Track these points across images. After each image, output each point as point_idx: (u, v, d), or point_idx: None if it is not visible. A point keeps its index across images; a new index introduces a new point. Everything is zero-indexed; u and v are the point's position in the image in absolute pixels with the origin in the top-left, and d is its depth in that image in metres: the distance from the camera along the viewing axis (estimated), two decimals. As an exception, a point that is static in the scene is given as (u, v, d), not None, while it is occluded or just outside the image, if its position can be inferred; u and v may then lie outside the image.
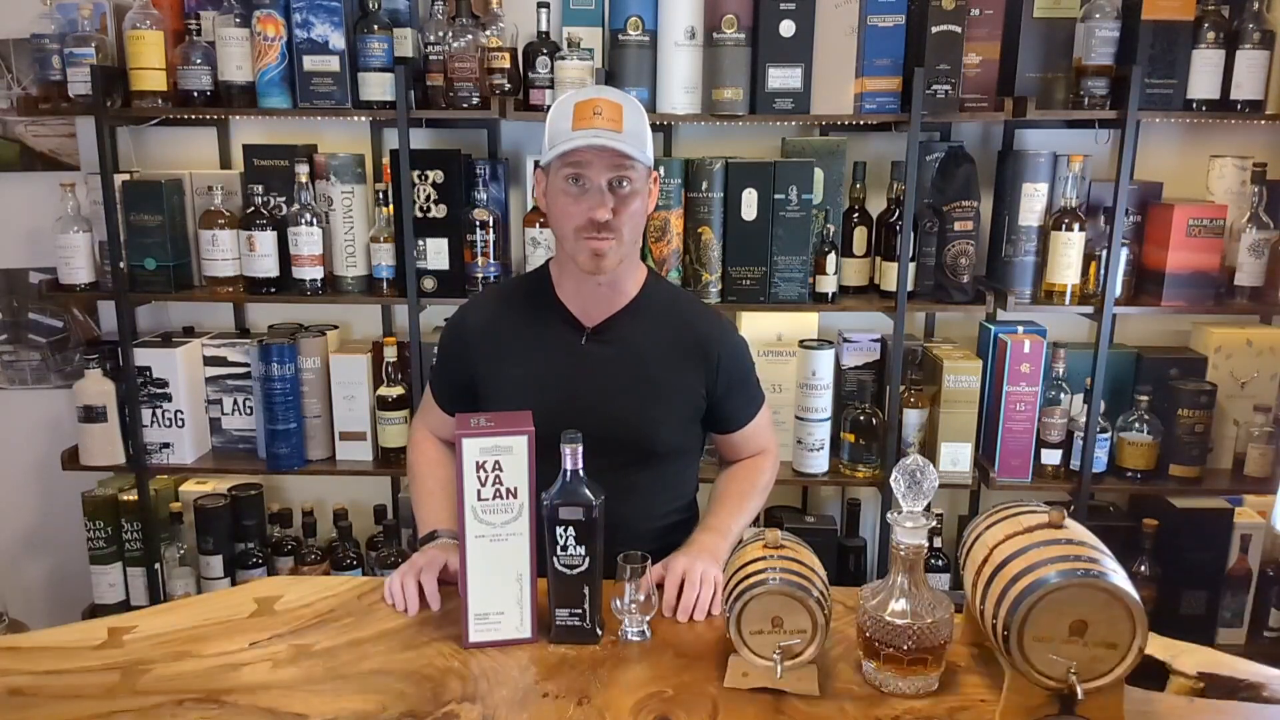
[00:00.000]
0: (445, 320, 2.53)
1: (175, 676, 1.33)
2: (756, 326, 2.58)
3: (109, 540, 2.70)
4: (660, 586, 1.50)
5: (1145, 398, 2.49)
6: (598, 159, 1.51)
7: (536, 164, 1.67)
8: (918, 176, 2.40)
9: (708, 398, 1.70)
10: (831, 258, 2.48)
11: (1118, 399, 2.56)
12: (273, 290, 2.52)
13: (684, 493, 1.79)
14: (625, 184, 1.53)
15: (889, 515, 1.29)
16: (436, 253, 2.47)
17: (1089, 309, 2.45)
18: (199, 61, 2.40)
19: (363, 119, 2.59)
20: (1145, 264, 2.51)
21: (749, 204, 2.44)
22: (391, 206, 2.46)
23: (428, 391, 1.83)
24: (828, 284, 2.49)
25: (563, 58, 2.34)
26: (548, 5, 2.38)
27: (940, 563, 2.61)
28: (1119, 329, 2.61)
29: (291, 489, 2.88)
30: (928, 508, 1.28)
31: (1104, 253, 2.40)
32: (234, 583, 2.65)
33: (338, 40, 2.36)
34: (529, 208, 2.57)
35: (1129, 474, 2.53)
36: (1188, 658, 1.33)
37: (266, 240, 2.47)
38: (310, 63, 2.37)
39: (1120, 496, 2.72)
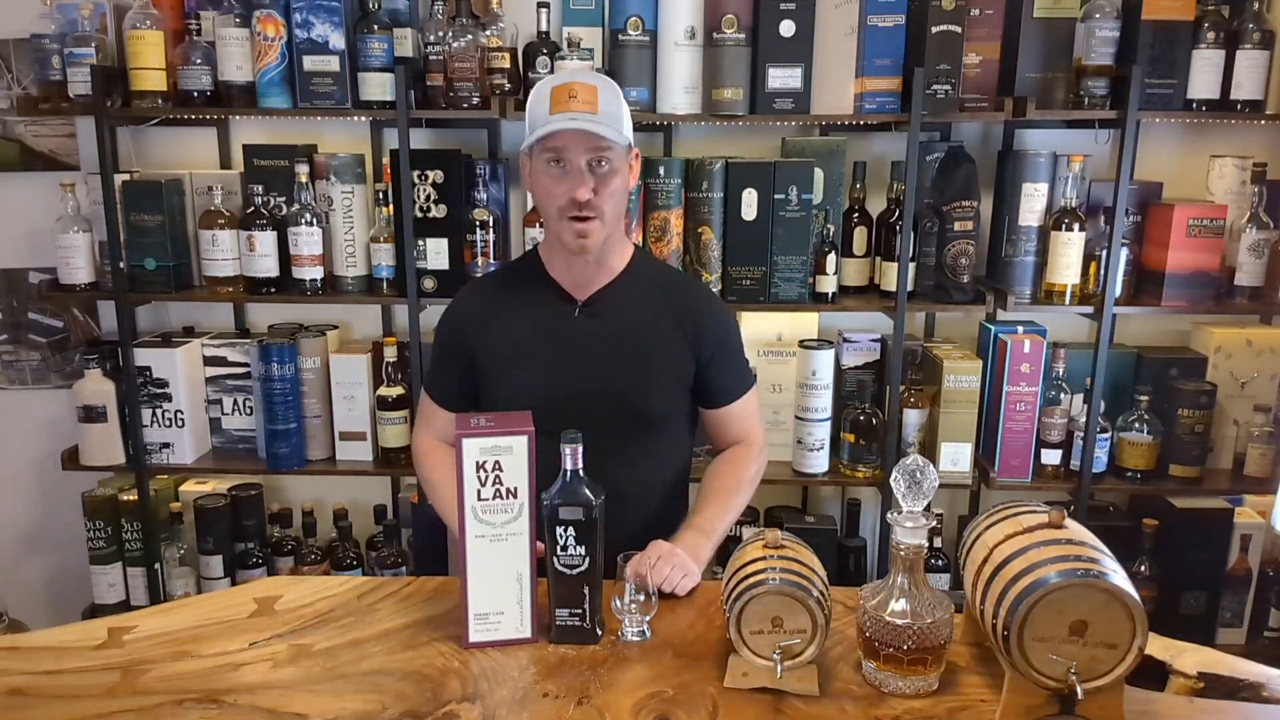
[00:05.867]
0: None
1: (175, 676, 1.33)
2: (756, 326, 2.58)
3: (109, 540, 2.70)
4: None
5: (1145, 398, 2.49)
6: (575, 142, 1.56)
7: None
8: (918, 176, 2.39)
9: (695, 364, 1.75)
10: (831, 258, 2.48)
11: (1118, 399, 2.56)
12: (273, 290, 2.52)
13: (677, 462, 1.83)
14: (604, 163, 1.59)
15: (889, 515, 1.29)
16: (436, 253, 2.47)
17: (1089, 309, 2.45)
18: (199, 61, 2.40)
19: (363, 119, 2.59)
20: (1145, 264, 2.51)
21: (749, 204, 2.44)
22: (391, 206, 2.46)
23: (426, 400, 1.84)
24: (828, 284, 2.49)
25: (563, 58, 2.33)
26: (548, 5, 2.38)
27: (940, 563, 2.61)
28: (1119, 329, 2.61)
29: (291, 489, 2.88)
30: (928, 508, 1.28)
31: (1104, 253, 2.40)
32: (234, 583, 2.65)
33: (338, 40, 2.36)
34: (529, 208, 2.57)
35: (1129, 474, 2.53)
36: (1188, 658, 1.33)
37: (266, 240, 2.47)
38: (310, 63, 2.37)
39: (1120, 496, 2.72)
